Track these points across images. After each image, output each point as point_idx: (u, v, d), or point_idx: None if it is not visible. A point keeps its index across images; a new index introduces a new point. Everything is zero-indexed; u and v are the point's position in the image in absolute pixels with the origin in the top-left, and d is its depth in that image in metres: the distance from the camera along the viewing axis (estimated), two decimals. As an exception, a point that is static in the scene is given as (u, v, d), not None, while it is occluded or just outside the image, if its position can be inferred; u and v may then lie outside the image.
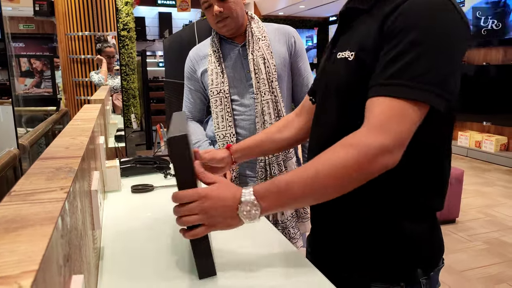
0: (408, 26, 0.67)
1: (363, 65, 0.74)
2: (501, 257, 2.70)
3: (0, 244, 0.31)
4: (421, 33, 0.66)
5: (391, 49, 0.69)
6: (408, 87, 0.66)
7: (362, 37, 0.75)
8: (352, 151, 0.66)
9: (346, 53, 0.78)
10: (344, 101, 0.80)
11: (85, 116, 1.13)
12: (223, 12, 1.34)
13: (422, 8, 0.68)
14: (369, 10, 0.77)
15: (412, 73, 0.66)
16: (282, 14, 9.00)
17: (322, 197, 0.72)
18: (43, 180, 0.50)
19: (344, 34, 0.83)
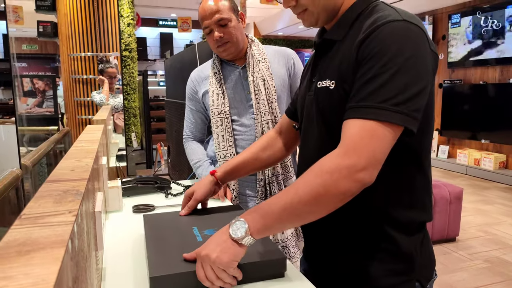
0: (378, 53, 0.72)
1: (344, 92, 0.78)
2: (502, 276, 2.68)
3: (15, 267, 0.33)
4: (390, 58, 0.71)
5: (364, 74, 0.73)
6: (379, 109, 0.70)
7: (340, 67, 0.80)
8: (326, 177, 0.70)
9: (326, 82, 0.82)
10: (327, 128, 0.84)
11: (89, 137, 1.15)
12: (223, 37, 1.38)
13: (391, 36, 0.72)
14: (342, 41, 0.82)
15: (383, 96, 0.70)
16: (282, 34, 9.16)
17: (301, 221, 0.75)
18: (51, 203, 0.51)
19: (321, 64, 0.88)
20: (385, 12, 0.77)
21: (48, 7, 4.59)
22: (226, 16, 1.38)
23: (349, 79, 0.77)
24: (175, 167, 3.25)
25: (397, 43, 0.72)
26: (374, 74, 0.71)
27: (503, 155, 5.40)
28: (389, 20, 0.73)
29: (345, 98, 0.77)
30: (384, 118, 0.69)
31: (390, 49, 0.71)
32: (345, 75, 0.78)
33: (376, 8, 0.81)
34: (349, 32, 0.82)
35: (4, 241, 0.39)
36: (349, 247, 0.86)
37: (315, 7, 0.85)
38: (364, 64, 0.74)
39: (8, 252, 0.36)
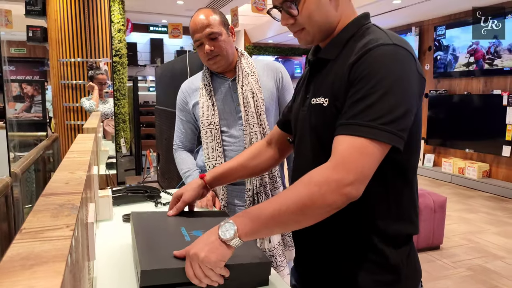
0: (368, 75, 0.77)
1: (336, 110, 0.83)
2: (484, 283, 2.75)
3: (20, 280, 0.36)
4: (378, 80, 0.76)
5: (354, 93, 0.78)
6: (368, 127, 0.74)
7: (333, 85, 0.84)
8: (314, 189, 0.74)
9: (320, 99, 0.87)
10: (320, 143, 0.89)
11: (81, 148, 1.17)
12: (213, 51, 1.42)
13: (380, 59, 0.77)
14: (335, 60, 0.87)
15: (372, 116, 0.75)
16: (272, 42, 9.25)
17: (287, 228, 0.81)
18: (49, 217, 0.54)
19: (315, 81, 0.92)
20: (376, 35, 0.82)
21: (38, 12, 4.58)
22: (217, 30, 1.42)
23: (341, 98, 0.81)
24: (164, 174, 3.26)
25: (386, 65, 0.77)
26: (364, 95, 0.76)
27: (487, 164, 5.53)
28: (380, 43, 0.78)
29: (337, 115, 0.82)
30: (372, 136, 0.74)
31: (379, 72, 0.76)
32: (338, 94, 0.83)
33: (368, 30, 0.86)
34: (342, 52, 0.87)
35: (8, 255, 0.42)
36: (338, 257, 0.90)
37: (311, 27, 0.89)
38: (355, 84, 0.78)
39: (13, 266, 0.39)
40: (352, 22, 0.89)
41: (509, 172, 5.29)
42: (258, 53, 9.25)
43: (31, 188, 3.10)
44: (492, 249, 3.37)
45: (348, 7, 0.91)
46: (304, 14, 0.87)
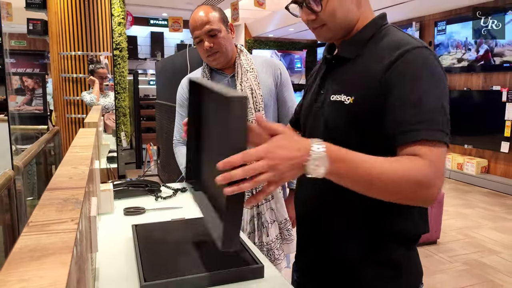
0: (416, 76, 0.78)
1: (362, 109, 0.83)
2: (480, 278, 2.79)
3: (30, 270, 0.39)
4: (430, 82, 0.78)
5: (406, 96, 0.78)
6: (441, 131, 0.76)
7: (361, 84, 0.85)
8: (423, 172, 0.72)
9: (341, 97, 0.87)
10: (333, 141, 0.88)
11: (83, 143, 1.19)
12: (213, 47, 1.44)
13: (423, 61, 0.79)
14: (355, 59, 0.89)
15: (438, 119, 0.77)
16: (272, 36, 9.23)
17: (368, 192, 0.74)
18: (54, 211, 0.57)
19: (333, 78, 0.93)
20: (402, 36, 0.85)
21: (39, 5, 4.58)
22: (216, 27, 1.44)
23: (372, 97, 0.82)
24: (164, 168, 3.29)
25: (429, 68, 0.79)
26: (419, 98, 0.77)
27: (485, 160, 5.56)
28: (414, 46, 0.81)
29: (363, 114, 0.83)
30: (445, 140, 0.76)
31: (425, 74, 0.78)
32: (367, 93, 0.83)
33: (388, 31, 0.88)
34: (363, 51, 0.88)
35: (17, 247, 0.44)
36: (341, 252, 0.92)
37: (333, 24, 0.89)
38: (400, 86, 0.78)
39: (22, 257, 0.41)
40: (371, 22, 0.90)
41: (507, 168, 5.32)
42: (259, 47, 9.24)
43: (33, 181, 3.13)
44: (489, 244, 3.41)
45: (368, 7, 0.92)
46: (327, 11, 0.87)
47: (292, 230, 1.60)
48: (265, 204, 1.49)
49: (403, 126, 0.77)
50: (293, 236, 1.59)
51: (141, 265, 0.87)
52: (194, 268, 0.86)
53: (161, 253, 0.94)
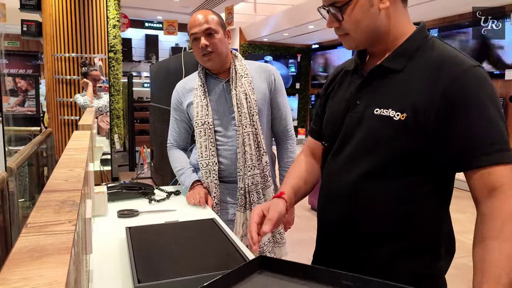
0: (476, 99, 0.79)
1: (416, 127, 0.82)
2: (469, 282, 2.81)
3: (30, 269, 0.40)
4: (492, 103, 0.79)
5: (475, 120, 0.79)
6: (506, 151, 0.78)
7: (413, 101, 0.82)
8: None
9: (389, 111, 0.85)
10: (369, 153, 0.89)
11: (78, 145, 1.21)
12: (209, 46, 1.47)
13: (481, 82, 0.80)
14: (403, 71, 0.86)
15: (505, 139, 0.79)
16: (267, 40, 9.28)
17: None
18: (52, 213, 0.58)
19: (373, 89, 0.90)
20: (451, 52, 0.84)
21: (33, 6, 4.58)
22: (214, 27, 1.47)
23: (426, 115, 0.81)
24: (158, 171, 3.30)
25: (486, 88, 0.80)
26: (488, 119, 0.78)
27: (476, 166, 5.63)
28: (471, 65, 0.81)
29: (416, 131, 0.82)
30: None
31: (485, 95, 0.79)
32: (422, 110, 0.81)
33: (435, 43, 0.87)
34: (409, 64, 0.86)
35: (17, 247, 0.45)
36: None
37: (356, 34, 0.88)
38: (464, 107, 0.79)
39: (23, 257, 0.43)
40: (415, 33, 0.88)
41: (497, 174, 5.40)
42: (253, 51, 9.28)
43: (25, 182, 3.12)
44: (478, 249, 3.45)
45: (403, 17, 0.89)
46: (350, 21, 0.86)
47: (284, 234, 1.62)
48: (258, 207, 1.51)
49: (474, 150, 0.79)
50: (285, 239, 1.61)
51: (135, 267, 0.88)
52: (187, 270, 0.87)
53: (155, 255, 0.96)
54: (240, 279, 0.79)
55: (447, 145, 0.82)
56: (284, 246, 1.59)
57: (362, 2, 0.85)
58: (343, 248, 0.98)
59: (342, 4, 0.85)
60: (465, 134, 0.79)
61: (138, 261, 0.91)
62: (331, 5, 0.87)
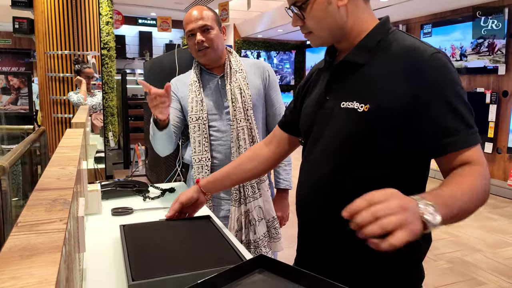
0: (444, 85, 0.81)
1: (379, 117, 0.83)
2: (463, 276, 2.85)
3: (20, 268, 0.40)
4: (457, 89, 0.81)
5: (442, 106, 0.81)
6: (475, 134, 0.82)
7: (377, 92, 0.84)
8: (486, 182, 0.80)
9: (353, 104, 0.86)
10: (345, 149, 0.89)
11: (70, 143, 1.20)
12: (204, 42, 1.47)
13: (447, 69, 0.82)
14: (366, 64, 0.88)
15: (469, 123, 0.82)
16: (261, 36, 9.26)
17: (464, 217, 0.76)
18: (43, 211, 0.58)
19: (340, 83, 0.92)
20: (413, 41, 0.85)
21: (25, 4, 4.53)
22: (210, 23, 1.48)
23: (396, 106, 0.82)
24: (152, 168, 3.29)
25: (451, 74, 0.82)
26: (455, 107, 0.80)
27: (469, 160, 5.67)
28: (433, 51, 0.82)
29: (381, 123, 0.83)
30: (479, 141, 0.82)
31: (451, 80, 0.81)
32: (389, 102, 0.83)
33: (396, 35, 0.89)
34: (372, 57, 0.87)
35: (7, 246, 0.45)
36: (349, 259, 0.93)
37: (319, 31, 0.90)
38: (433, 95, 0.80)
39: (12, 256, 0.42)
40: (378, 27, 0.90)
41: (490, 168, 5.44)
42: (248, 48, 9.26)
43: (18, 181, 3.10)
44: (471, 243, 3.49)
45: (365, 13, 0.91)
46: (311, 20, 0.89)
47: (280, 229, 1.62)
48: (253, 202, 1.51)
49: (448, 135, 0.81)
50: (281, 234, 1.61)
51: (129, 265, 0.87)
52: (182, 267, 0.87)
53: (149, 252, 0.95)
54: (238, 276, 0.79)
55: (416, 137, 0.83)
56: (280, 241, 1.60)
57: (320, 1, 0.87)
58: (322, 247, 0.98)
59: (301, 3, 0.88)
60: (431, 124, 0.81)
61: (132, 259, 0.91)
62: (293, 5, 0.90)
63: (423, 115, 0.81)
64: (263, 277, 0.80)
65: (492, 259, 3.14)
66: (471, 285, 2.72)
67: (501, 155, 5.26)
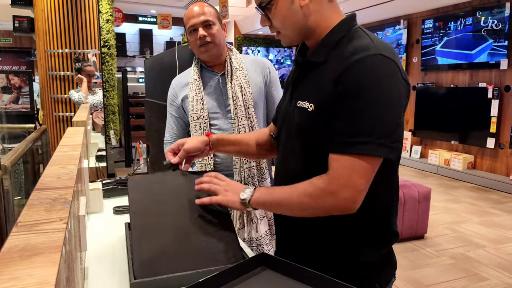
0: (358, 88, 0.79)
1: (322, 116, 0.85)
2: (466, 271, 2.85)
3: (20, 269, 0.39)
4: (368, 96, 0.78)
5: (344, 110, 0.80)
6: (363, 143, 0.78)
7: (320, 91, 0.86)
8: (312, 191, 0.83)
9: (305, 104, 0.89)
10: (303, 145, 0.92)
11: (71, 142, 1.20)
12: (206, 37, 1.46)
13: (370, 71, 0.79)
14: (324, 63, 0.88)
15: (364, 131, 0.78)
16: (261, 33, 9.23)
17: (292, 212, 0.90)
18: (43, 211, 0.57)
19: (302, 82, 0.94)
20: (362, 42, 0.83)
21: (25, 2, 4.52)
22: (211, 19, 1.48)
23: (327, 106, 0.83)
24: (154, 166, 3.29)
25: (375, 79, 0.79)
26: (355, 111, 0.79)
27: (471, 156, 5.65)
28: (367, 54, 0.80)
29: (323, 122, 0.84)
30: (367, 152, 0.78)
31: (369, 86, 0.78)
32: (323, 101, 0.84)
33: (355, 34, 0.87)
34: (330, 55, 0.86)
35: (7, 247, 0.45)
36: (319, 253, 0.95)
37: (286, 30, 0.92)
38: (345, 98, 0.80)
39: (12, 257, 0.42)
40: (339, 25, 0.89)
41: (492, 164, 5.42)
42: (248, 45, 9.23)
43: (20, 180, 3.10)
44: (474, 238, 3.48)
45: (330, 9, 0.90)
46: (277, 19, 0.90)
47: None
48: (254, 201, 1.51)
49: (334, 135, 0.82)
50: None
51: (131, 262, 0.87)
52: (183, 265, 0.87)
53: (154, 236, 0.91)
54: (240, 275, 0.79)
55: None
56: (281, 239, 1.60)
57: (283, 1, 0.88)
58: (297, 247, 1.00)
59: (265, 4, 0.90)
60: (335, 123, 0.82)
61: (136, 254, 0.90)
62: (259, 6, 0.92)
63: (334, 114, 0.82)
64: (265, 275, 0.80)
65: (494, 255, 3.13)
66: (474, 281, 2.71)
67: (504, 150, 5.24)
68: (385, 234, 0.95)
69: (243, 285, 0.76)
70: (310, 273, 0.76)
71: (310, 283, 0.75)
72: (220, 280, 0.75)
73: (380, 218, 0.93)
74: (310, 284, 0.75)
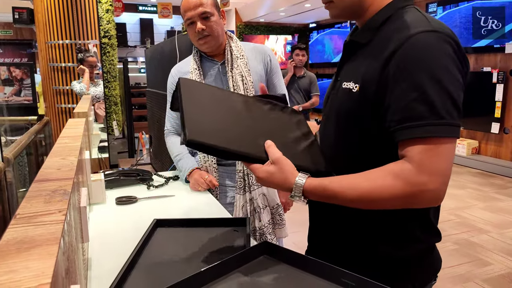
0: (415, 67, 0.73)
1: (366, 97, 0.81)
2: (469, 257, 2.85)
3: (16, 262, 0.39)
4: (428, 73, 0.72)
5: (406, 90, 0.74)
6: (439, 125, 0.72)
7: (365, 72, 0.81)
8: (400, 186, 0.73)
9: (350, 84, 0.85)
10: (344, 127, 0.88)
11: (72, 133, 1.19)
12: (205, 30, 1.44)
13: (425, 49, 0.74)
14: (368, 44, 0.84)
15: (438, 112, 0.72)
16: (263, 20, 9.14)
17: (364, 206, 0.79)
18: (42, 203, 0.57)
19: (347, 64, 0.91)
20: (412, 19, 0.78)
21: (24, -7, 4.48)
22: (209, 10, 1.44)
23: (373, 86, 0.79)
24: (157, 156, 3.29)
25: (431, 54, 0.73)
26: (419, 91, 0.72)
27: (476, 141, 5.62)
28: (419, 31, 0.75)
29: (365, 104, 0.80)
30: (445, 134, 0.72)
31: (425, 64, 0.73)
32: (370, 82, 0.80)
33: (405, 13, 0.81)
34: (375, 36, 0.83)
35: (4, 239, 0.44)
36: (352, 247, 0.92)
37: (339, 1, 0.87)
38: (400, 79, 0.74)
39: (10, 249, 0.42)
40: (389, 5, 0.85)
41: (497, 149, 5.39)
42: (250, 32, 9.15)
43: (24, 172, 3.12)
44: (479, 224, 3.48)
45: None
46: None
47: (284, 215, 1.62)
48: (257, 189, 1.51)
49: (399, 123, 0.75)
50: (285, 220, 1.61)
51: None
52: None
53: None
54: (242, 264, 0.79)
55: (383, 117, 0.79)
56: (284, 227, 1.60)
57: None
58: (332, 232, 0.97)
59: None
60: (393, 105, 0.76)
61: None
62: None
63: (389, 96, 0.76)
64: (268, 264, 0.80)
65: (499, 240, 3.13)
66: (478, 266, 2.72)
67: (508, 135, 5.20)
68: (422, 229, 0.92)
69: (245, 274, 0.76)
70: (312, 261, 0.76)
71: (313, 271, 0.75)
72: (222, 269, 0.75)
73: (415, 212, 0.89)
74: (313, 272, 0.75)
